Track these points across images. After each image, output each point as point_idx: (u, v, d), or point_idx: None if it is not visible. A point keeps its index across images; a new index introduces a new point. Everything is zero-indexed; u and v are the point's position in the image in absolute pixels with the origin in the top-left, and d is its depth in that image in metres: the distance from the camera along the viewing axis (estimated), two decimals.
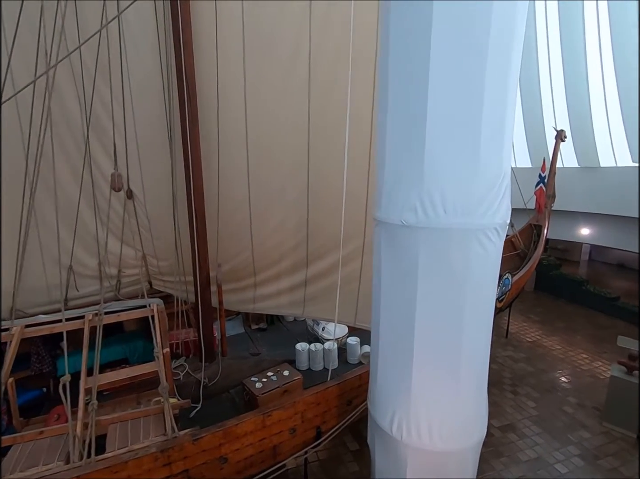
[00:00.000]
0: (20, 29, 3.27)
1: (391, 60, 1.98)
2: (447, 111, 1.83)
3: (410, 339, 2.11)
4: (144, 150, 4.08)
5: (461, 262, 1.96)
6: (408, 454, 2.25)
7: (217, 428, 2.53)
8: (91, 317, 3.27)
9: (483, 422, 2.30)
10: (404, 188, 1.99)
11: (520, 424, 4.34)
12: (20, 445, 2.42)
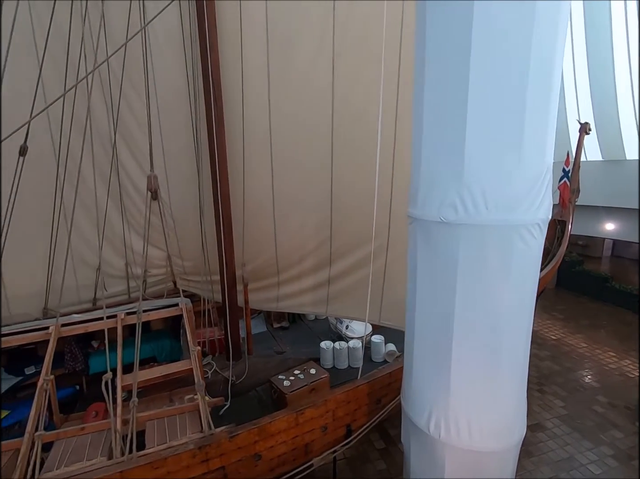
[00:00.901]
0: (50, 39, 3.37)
1: (428, 55, 1.96)
2: (488, 105, 1.80)
3: (449, 338, 2.09)
4: (170, 152, 4.13)
5: (502, 259, 1.93)
6: (446, 453, 2.23)
7: (252, 426, 2.56)
8: (123, 316, 3.33)
9: (523, 421, 2.27)
10: (442, 184, 1.97)
11: (549, 423, 4.27)
12: (64, 441, 2.49)
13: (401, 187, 3.54)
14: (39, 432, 2.36)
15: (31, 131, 3.49)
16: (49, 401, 2.69)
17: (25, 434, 2.39)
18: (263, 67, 3.63)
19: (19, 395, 3.55)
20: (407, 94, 3.24)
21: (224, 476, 2.53)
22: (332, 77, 3.54)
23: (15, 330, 3.20)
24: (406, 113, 3.28)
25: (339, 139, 3.71)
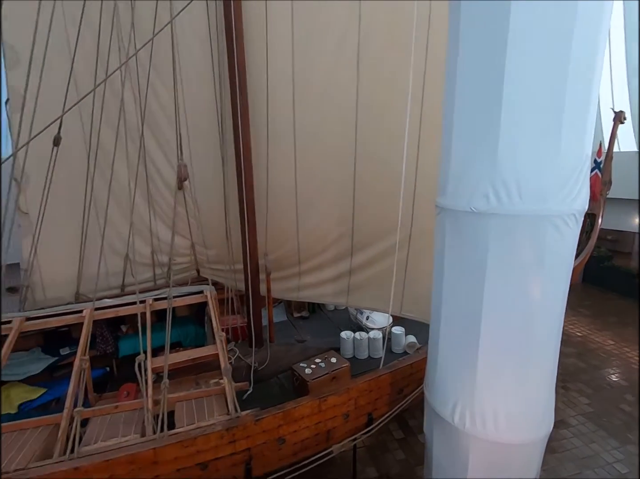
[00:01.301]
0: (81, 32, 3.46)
1: (463, 39, 1.91)
2: (526, 90, 1.75)
3: (476, 329, 2.07)
4: (195, 142, 4.20)
5: (536, 251, 1.88)
6: (470, 444, 2.23)
7: (277, 410, 2.62)
8: (152, 302, 3.44)
9: (551, 415, 2.24)
10: (474, 173, 1.93)
11: (573, 420, 4.19)
12: (99, 418, 2.62)
13: (425, 179, 3.50)
14: (78, 408, 2.49)
15: (63, 122, 3.62)
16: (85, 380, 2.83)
17: (65, 409, 2.53)
18: (288, 58, 3.62)
19: (55, 374, 3.74)
20: (434, 80, 3.17)
21: (250, 457, 2.61)
22: (356, 65, 3.49)
23: (51, 313, 3.37)
24: (433, 101, 3.22)
25: (363, 130, 3.67)
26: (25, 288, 4.07)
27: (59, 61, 3.70)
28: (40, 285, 4.22)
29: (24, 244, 3.97)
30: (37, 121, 3.09)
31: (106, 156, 4.04)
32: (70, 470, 2.17)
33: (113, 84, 3.86)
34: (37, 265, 4.08)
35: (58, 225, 4.12)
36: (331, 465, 3.59)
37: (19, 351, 3.62)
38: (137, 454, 2.27)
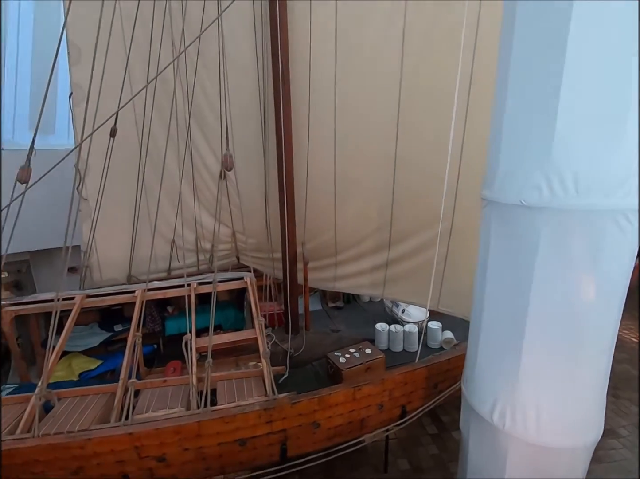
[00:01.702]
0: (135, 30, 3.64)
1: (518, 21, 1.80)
2: (588, 72, 1.63)
3: (521, 327, 1.99)
4: (238, 133, 4.32)
5: (592, 249, 1.77)
6: (510, 445, 2.17)
7: (313, 395, 2.69)
8: (196, 285, 3.63)
9: (600, 421, 2.12)
10: (526, 163, 1.84)
11: (623, 430, 3.93)
12: (149, 390, 2.84)
13: (470, 169, 3.37)
14: (132, 380, 2.72)
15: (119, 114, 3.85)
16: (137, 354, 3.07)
17: (120, 380, 2.77)
18: (331, 48, 3.60)
19: (110, 348, 4.08)
20: (484, 62, 3.01)
21: (285, 438, 2.72)
22: (401, 51, 3.40)
23: (107, 292, 3.66)
24: (482, 84, 3.07)
25: (405, 119, 3.59)
26: (85, 269, 4.44)
27: (115, 56, 3.93)
28: (97, 266, 4.58)
29: (84, 228, 4.32)
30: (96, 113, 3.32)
31: (157, 146, 4.27)
32: (125, 435, 2.38)
33: (164, 78, 4.05)
34: (95, 248, 4.43)
35: (113, 211, 4.44)
36: (363, 453, 3.65)
37: (80, 325, 3.99)
38: (183, 425, 2.45)
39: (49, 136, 6.08)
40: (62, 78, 4.75)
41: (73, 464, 2.37)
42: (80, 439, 2.33)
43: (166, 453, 2.49)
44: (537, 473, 2.19)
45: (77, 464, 2.38)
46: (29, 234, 5.14)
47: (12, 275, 6.23)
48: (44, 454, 2.31)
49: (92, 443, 2.34)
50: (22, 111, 5.80)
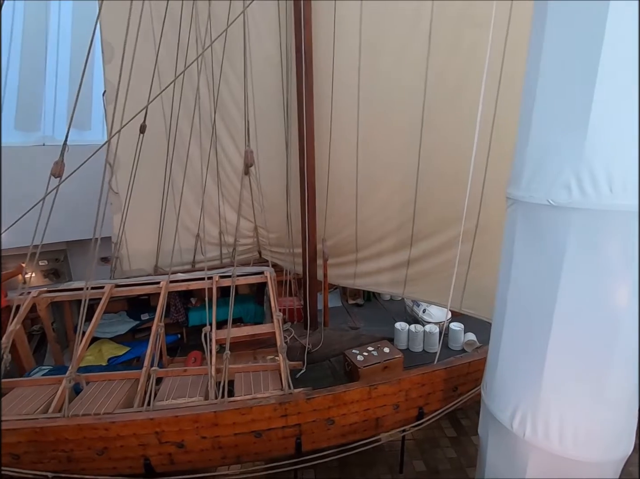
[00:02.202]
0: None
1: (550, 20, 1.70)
2: (622, 68, 1.51)
3: (546, 333, 1.90)
4: (261, 130, 4.36)
5: (624, 252, 1.66)
6: (530, 455, 2.08)
7: (328, 392, 2.70)
8: (218, 279, 3.72)
9: (630, 437, 2.00)
10: (556, 161, 1.74)
11: None
12: (170, 379, 2.95)
13: (497, 166, 3.24)
14: (154, 368, 2.83)
15: (148, 112, 3.98)
16: (160, 344, 3.19)
17: (143, 368, 2.89)
18: (355, 43, 3.55)
19: (137, 336, 4.26)
20: (514, 57, 2.88)
21: (300, 432, 2.75)
22: (427, 46, 3.31)
23: (135, 282, 3.82)
24: (511, 80, 2.94)
25: (430, 115, 3.49)
26: (115, 259, 4.65)
27: (145, 55, 4.06)
28: (127, 257, 4.79)
29: (114, 220, 4.52)
30: (127, 110, 3.45)
31: (184, 143, 4.38)
32: (146, 420, 2.49)
33: (191, 75, 4.14)
34: (125, 239, 4.62)
35: (142, 205, 4.61)
36: (379, 453, 3.62)
37: (109, 313, 4.19)
38: (201, 414, 2.52)
39: (85, 132, 6.39)
40: (98, 76, 4.96)
41: (99, 444, 2.50)
42: (105, 422, 2.46)
43: (185, 439, 2.58)
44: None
45: (103, 445, 2.50)
46: (65, 225, 5.44)
47: (51, 263, 6.63)
48: (73, 433, 2.45)
49: (116, 425, 2.46)
50: (62, 109, 6.11)
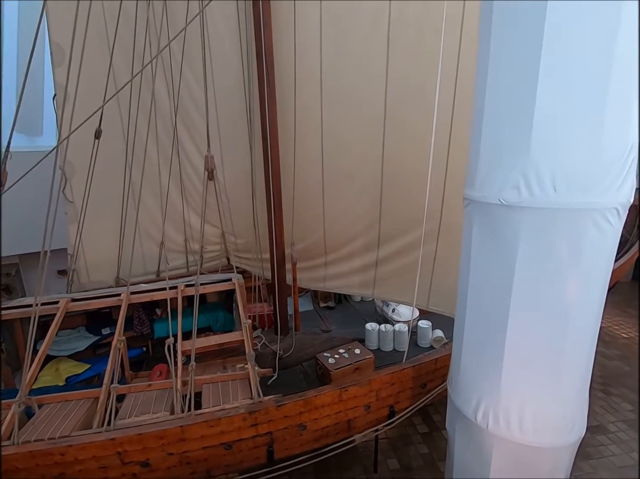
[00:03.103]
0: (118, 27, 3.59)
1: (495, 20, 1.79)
2: (564, 73, 1.61)
3: (503, 327, 1.98)
4: (225, 134, 4.29)
5: (571, 248, 1.76)
6: (494, 444, 2.16)
7: (298, 397, 2.67)
8: (183, 287, 3.60)
9: (583, 419, 2.12)
10: (505, 162, 1.83)
11: (612, 426, 3.94)
12: (134, 394, 2.81)
13: (458, 169, 3.35)
14: (114, 385, 2.69)
15: (104, 116, 3.81)
16: (122, 359, 3.03)
17: (103, 385, 2.73)
18: (316, 45, 3.57)
19: (98, 352, 4.04)
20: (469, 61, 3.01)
21: (271, 440, 2.70)
22: (387, 51, 3.38)
23: (93, 295, 3.62)
24: (468, 84, 3.06)
25: (392, 118, 3.57)
26: (72, 272, 4.39)
27: (99, 57, 3.89)
28: (85, 269, 4.54)
29: (70, 230, 4.27)
30: (80, 115, 3.28)
31: (143, 147, 4.22)
32: (107, 441, 2.35)
33: (149, 78, 4.01)
34: (82, 250, 4.38)
35: (100, 213, 4.40)
36: (353, 454, 3.64)
37: (66, 329, 3.94)
38: (166, 430, 2.42)
39: (36, 138, 6.02)
40: (49, 79, 4.70)
41: (54, 470, 2.34)
42: (61, 446, 2.30)
43: (150, 458, 2.46)
44: (521, 470, 2.19)
45: (59, 471, 2.34)
46: (17, 238, 5.10)
47: (2, 278, 6.17)
48: (24, 461, 2.28)
49: (73, 449, 2.31)
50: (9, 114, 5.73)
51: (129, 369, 3.35)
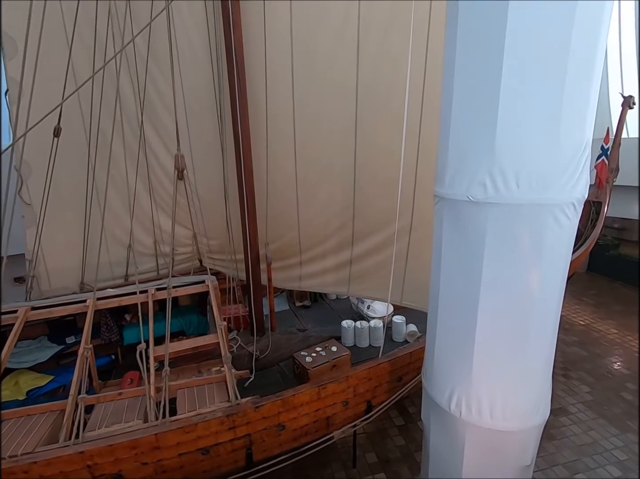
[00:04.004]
0: (78, 22, 3.42)
1: (460, 29, 1.86)
2: (523, 78, 1.71)
3: (473, 318, 2.07)
4: (195, 132, 4.18)
5: (533, 240, 1.87)
6: (467, 431, 2.25)
7: (276, 398, 2.66)
8: (154, 291, 3.48)
9: (547, 403, 2.25)
10: (471, 161, 1.91)
11: (572, 408, 4.21)
12: (103, 404, 2.69)
13: (427, 167, 3.46)
14: (82, 395, 2.56)
15: (63, 112, 3.61)
16: (89, 368, 2.89)
17: (69, 396, 2.60)
18: (287, 46, 3.55)
19: (62, 362, 3.83)
20: (436, 65, 3.11)
21: (250, 442, 2.67)
22: (357, 49, 3.43)
23: (55, 302, 3.42)
24: (435, 87, 3.16)
25: (365, 118, 3.62)
26: (31, 278, 4.13)
27: (57, 51, 3.68)
28: (46, 275, 4.29)
29: (27, 235, 4.02)
30: (37, 111, 3.09)
31: (107, 146, 4.04)
32: (75, 454, 2.24)
33: (112, 74, 3.84)
34: (42, 255, 4.14)
35: (61, 216, 4.17)
36: (332, 451, 3.66)
37: (26, 339, 3.71)
38: (139, 439, 2.34)
39: None
40: None
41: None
42: (24, 464, 2.17)
43: (123, 469, 2.37)
44: (493, 455, 2.29)
45: None
46: None
47: None
48: None
49: (37, 466, 2.18)
50: None
51: (97, 379, 3.20)
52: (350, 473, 3.47)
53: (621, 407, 4.19)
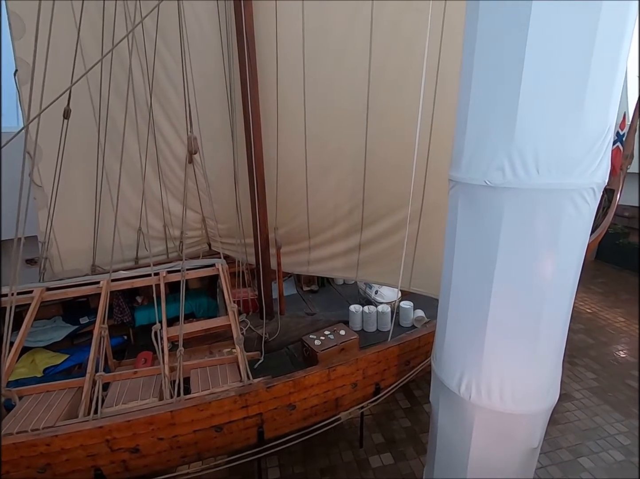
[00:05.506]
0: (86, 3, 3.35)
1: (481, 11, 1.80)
2: (547, 58, 1.65)
3: (486, 303, 2.07)
4: (204, 115, 4.14)
5: (551, 226, 1.84)
6: (475, 414, 2.29)
7: (288, 378, 2.72)
8: (165, 274, 3.53)
9: (556, 387, 2.27)
10: (490, 145, 1.87)
11: (578, 394, 4.25)
12: (119, 383, 2.76)
13: (439, 151, 3.42)
14: (100, 373, 2.63)
15: (73, 95, 3.58)
16: (105, 347, 2.96)
17: (87, 374, 2.67)
18: (298, 30, 3.47)
19: (76, 342, 3.93)
20: (451, 48, 3.03)
21: (262, 421, 2.75)
22: (370, 31, 3.34)
23: (70, 283, 3.49)
24: (450, 70, 3.09)
25: (376, 100, 3.56)
26: (44, 260, 4.19)
27: (66, 32, 3.62)
28: (58, 257, 4.34)
29: (40, 217, 4.06)
30: (47, 93, 3.07)
31: (116, 129, 4.02)
32: (95, 429, 2.32)
33: (121, 55, 3.79)
34: (54, 237, 4.18)
35: (72, 198, 4.19)
36: (339, 431, 3.75)
37: (42, 319, 3.79)
38: (156, 415, 2.41)
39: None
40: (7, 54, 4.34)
41: (39, 461, 2.29)
42: (46, 436, 2.25)
43: (140, 443, 2.45)
44: (500, 437, 2.33)
45: (44, 462, 2.30)
46: None
47: None
48: (8, 454, 2.21)
49: (59, 439, 2.26)
50: None
51: (112, 358, 3.28)
52: (357, 452, 3.57)
53: (626, 394, 4.22)
